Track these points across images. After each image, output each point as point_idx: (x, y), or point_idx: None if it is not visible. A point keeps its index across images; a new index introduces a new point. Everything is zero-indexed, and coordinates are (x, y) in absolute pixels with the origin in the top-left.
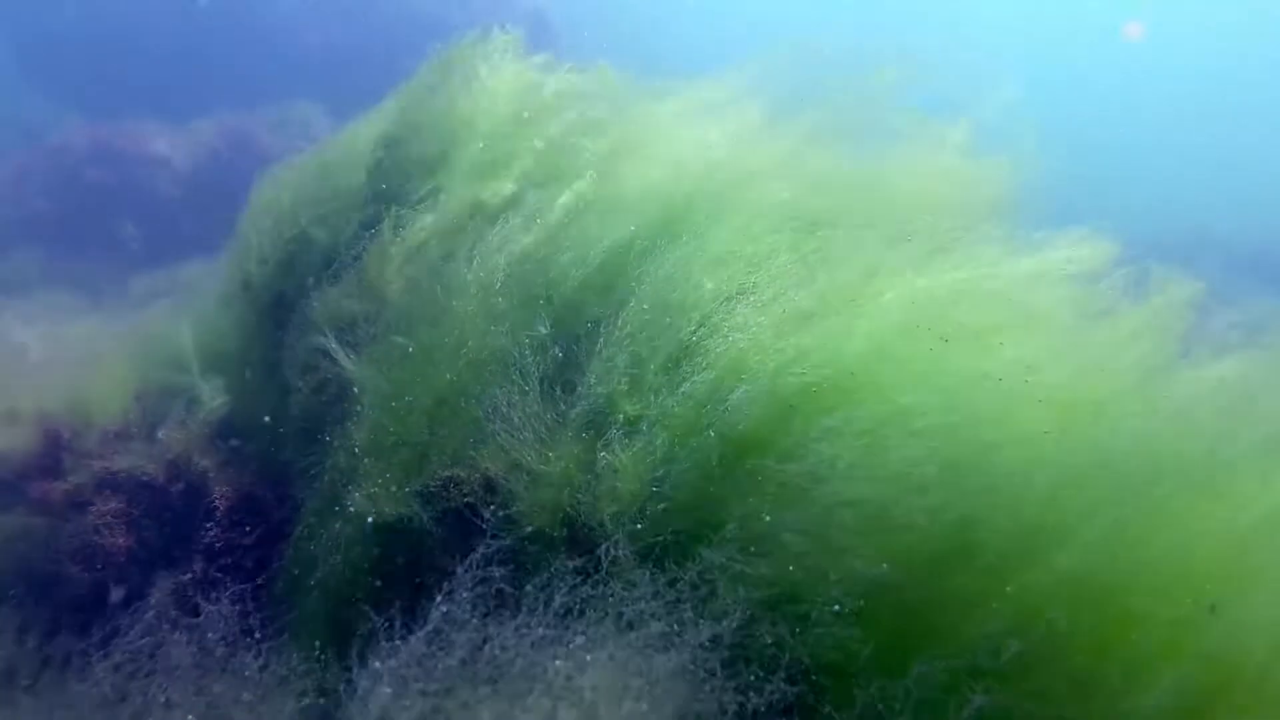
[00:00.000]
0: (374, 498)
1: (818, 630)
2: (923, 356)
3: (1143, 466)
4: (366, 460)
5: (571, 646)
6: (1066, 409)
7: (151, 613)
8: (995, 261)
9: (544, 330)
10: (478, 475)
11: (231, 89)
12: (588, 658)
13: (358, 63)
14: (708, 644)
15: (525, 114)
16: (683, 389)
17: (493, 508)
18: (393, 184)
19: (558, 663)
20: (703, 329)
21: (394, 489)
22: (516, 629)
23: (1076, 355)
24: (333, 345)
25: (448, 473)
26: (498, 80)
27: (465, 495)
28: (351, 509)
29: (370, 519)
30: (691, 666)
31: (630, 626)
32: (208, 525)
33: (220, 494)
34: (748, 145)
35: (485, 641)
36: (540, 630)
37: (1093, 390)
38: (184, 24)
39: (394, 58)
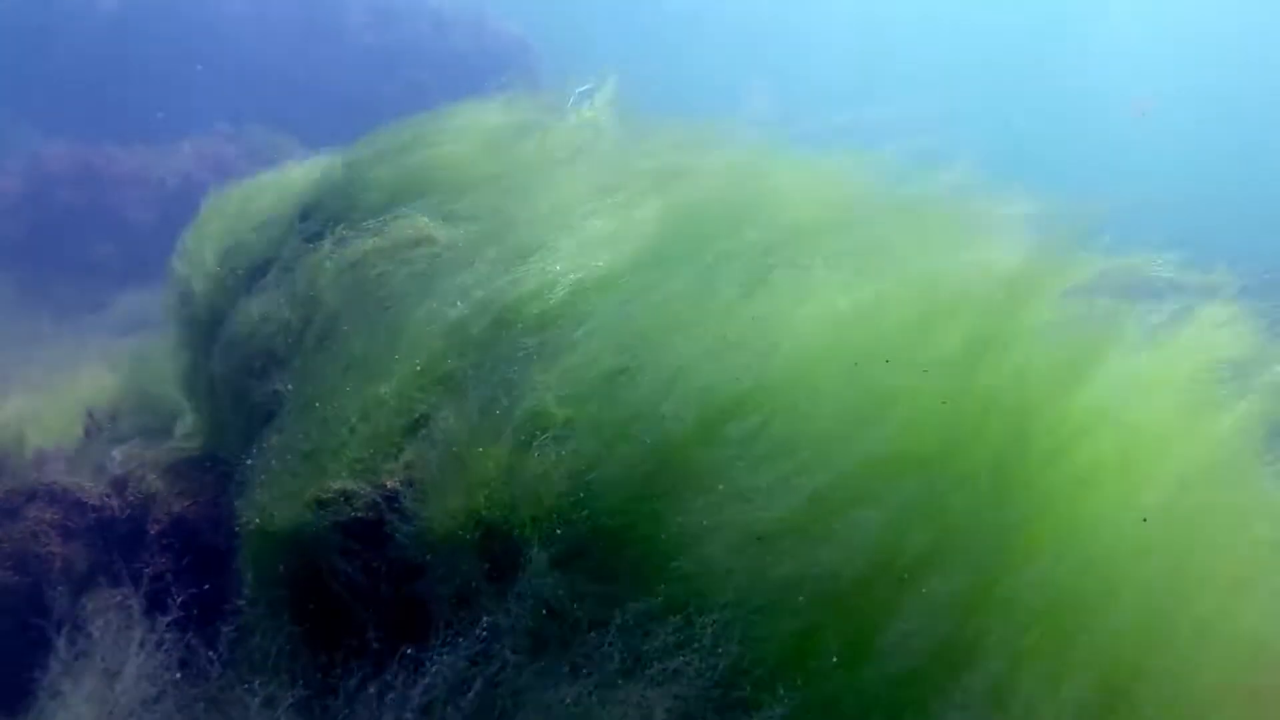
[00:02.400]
0: (265, 506)
1: (745, 642)
2: (844, 372)
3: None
4: (272, 463)
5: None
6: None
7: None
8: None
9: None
10: (374, 488)
11: (207, 115)
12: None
13: (335, 92)
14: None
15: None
16: (617, 398)
17: (395, 517)
18: (341, 204)
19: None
20: (640, 348)
21: (288, 498)
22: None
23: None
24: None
25: (341, 485)
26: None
27: (355, 510)
28: (250, 522)
29: (263, 527)
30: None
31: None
32: (143, 546)
33: (156, 515)
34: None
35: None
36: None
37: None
38: (163, 50)
39: (372, 87)
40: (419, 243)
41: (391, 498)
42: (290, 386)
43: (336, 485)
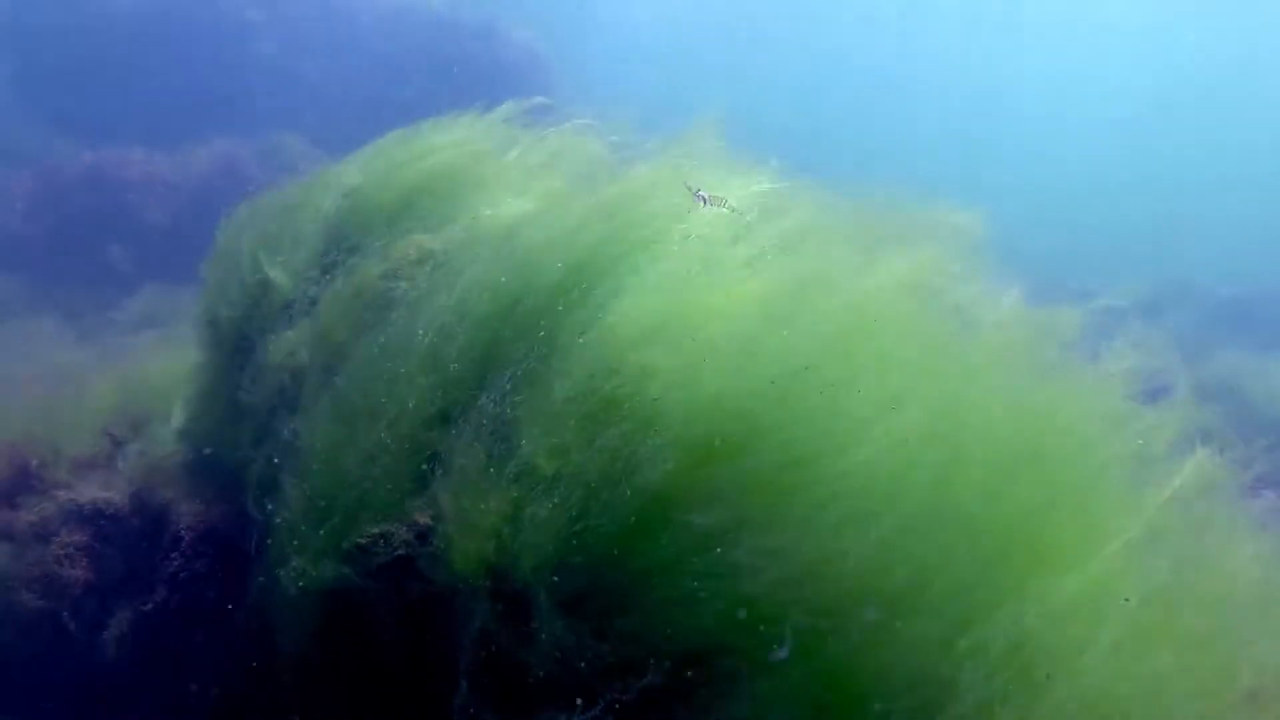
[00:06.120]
0: (303, 569)
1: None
2: (822, 398)
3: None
4: (302, 528)
5: None
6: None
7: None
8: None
9: (477, 381)
10: (406, 527)
11: (223, 118)
12: None
13: (348, 97)
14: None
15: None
16: (597, 443)
17: (425, 558)
18: (356, 235)
19: None
20: (616, 377)
21: (325, 554)
22: None
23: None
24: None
25: (378, 529)
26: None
27: (396, 549)
28: (286, 583)
29: (303, 585)
30: None
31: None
32: (171, 556)
33: (183, 527)
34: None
35: None
36: None
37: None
38: (179, 52)
39: (384, 93)
40: (420, 261)
41: (422, 538)
42: (310, 426)
43: (371, 530)
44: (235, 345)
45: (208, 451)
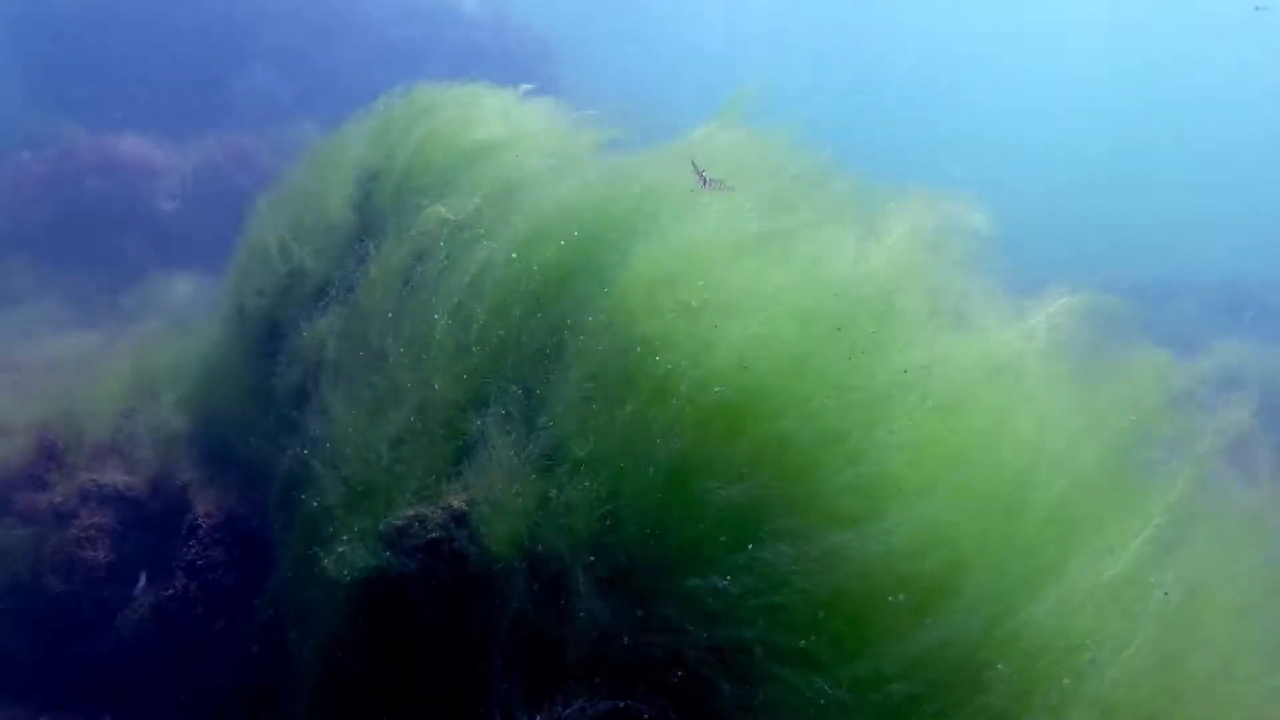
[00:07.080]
0: (344, 555)
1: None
2: (842, 365)
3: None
4: (338, 513)
5: None
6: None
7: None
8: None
9: (506, 362)
10: (441, 510)
11: (233, 106)
12: None
13: (358, 85)
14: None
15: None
16: (617, 421)
17: (462, 540)
18: (378, 218)
19: None
20: (630, 349)
21: (364, 538)
22: None
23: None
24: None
25: (412, 511)
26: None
27: (431, 531)
28: (327, 569)
29: (346, 572)
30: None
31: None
32: (190, 544)
33: (200, 514)
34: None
35: None
36: None
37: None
38: (190, 40)
39: (394, 82)
40: (439, 237)
41: (458, 520)
42: (342, 411)
43: (407, 512)
44: (263, 333)
45: (225, 437)
